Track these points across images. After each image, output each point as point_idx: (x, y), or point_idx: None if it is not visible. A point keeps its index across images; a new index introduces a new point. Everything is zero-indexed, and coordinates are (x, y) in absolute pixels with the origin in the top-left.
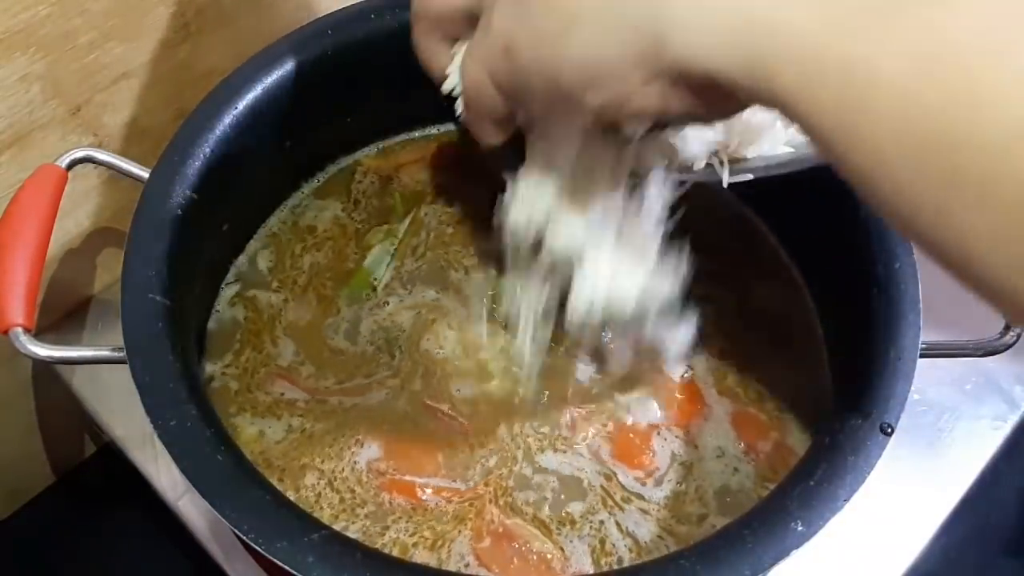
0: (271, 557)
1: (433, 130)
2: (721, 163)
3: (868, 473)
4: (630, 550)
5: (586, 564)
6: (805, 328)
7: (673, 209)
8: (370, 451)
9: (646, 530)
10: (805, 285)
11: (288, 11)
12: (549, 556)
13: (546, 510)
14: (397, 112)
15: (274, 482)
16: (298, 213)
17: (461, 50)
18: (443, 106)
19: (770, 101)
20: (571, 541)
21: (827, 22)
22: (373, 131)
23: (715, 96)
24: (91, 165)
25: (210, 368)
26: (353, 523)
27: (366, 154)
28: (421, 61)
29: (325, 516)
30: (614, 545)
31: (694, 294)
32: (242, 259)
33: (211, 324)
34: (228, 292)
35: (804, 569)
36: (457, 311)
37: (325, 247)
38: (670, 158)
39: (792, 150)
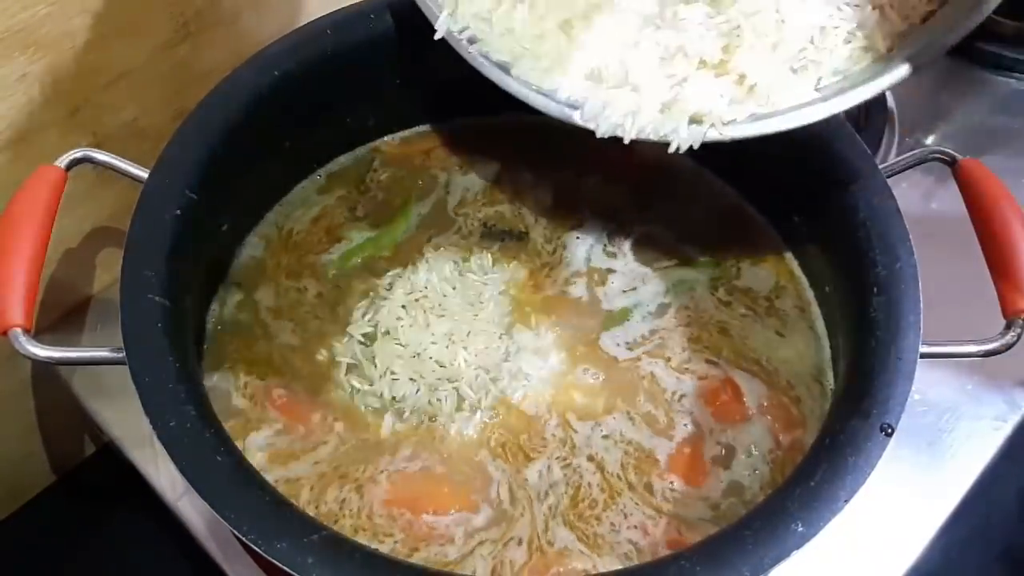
0: (271, 558)
1: (429, 127)
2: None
3: (868, 474)
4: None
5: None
6: (806, 328)
7: None
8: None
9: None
10: (806, 283)
11: (287, 11)
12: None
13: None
14: (397, 111)
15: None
16: (296, 210)
17: None
18: (440, 103)
19: None
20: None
21: None
22: (373, 130)
23: None
24: (90, 165)
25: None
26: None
27: (364, 153)
28: None
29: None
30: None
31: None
32: (240, 258)
33: (209, 326)
34: (228, 292)
35: (804, 569)
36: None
37: (315, 245)
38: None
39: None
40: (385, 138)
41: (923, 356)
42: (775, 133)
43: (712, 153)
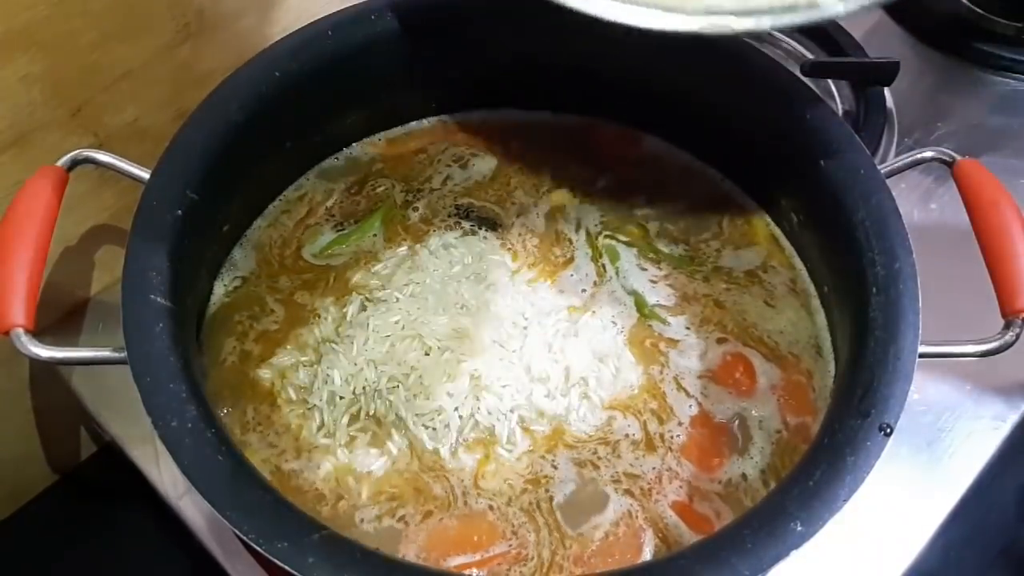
0: (271, 557)
1: (424, 123)
2: None
3: (867, 473)
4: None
5: None
6: (806, 326)
7: None
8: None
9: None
10: (807, 278)
11: (288, 12)
12: None
13: None
14: (397, 109)
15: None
16: (294, 209)
17: None
18: (439, 102)
19: None
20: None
21: None
22: (373, 128)
23: None
24: (91, 166)
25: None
26: None
27: (364, 151)
28: None
29: None
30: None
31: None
32: (240, 257)
33: (207, 322)
34: (228, 290)
35: (804, 569)
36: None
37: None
38: None
39: None
40: (385, 136)
41: (922, 356)
42: None
43: (713, 149)
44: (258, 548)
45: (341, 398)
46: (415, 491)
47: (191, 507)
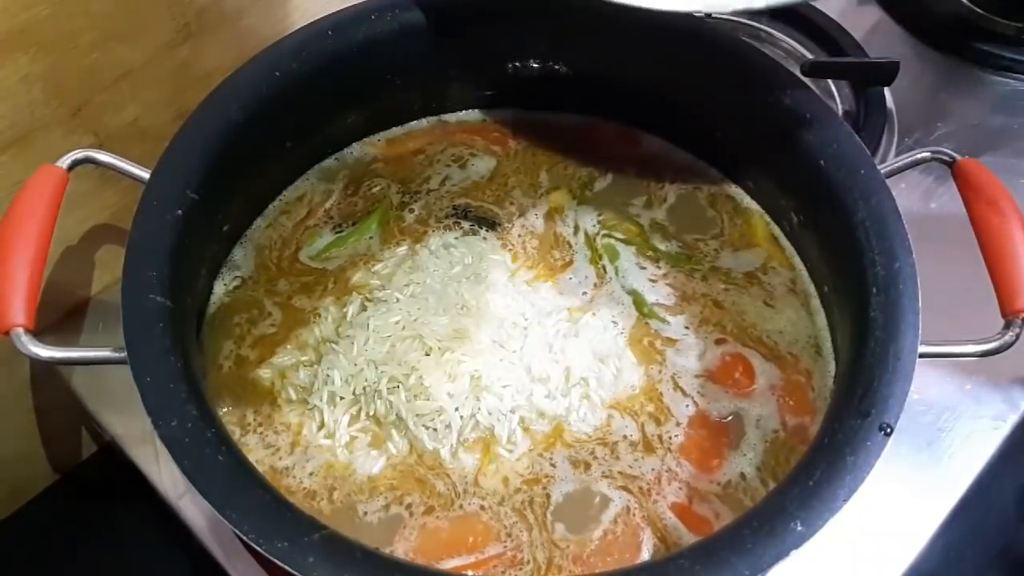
0: (271, 557)
1: (424, 123)
2: None
3: (867, 473)
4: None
5: None
6: (805, 326)
7: None
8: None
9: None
10: (807, 277)
11: (288, 12)
12: None
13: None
14: (398, 109)
15: None
16: (294, 209)
17: None
18: (438, 101)
19: None
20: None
21: None
22: (373, 128)
23: None
24: (92, 165)
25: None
26: None
27: (363, 151)
28: None
29: None
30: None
31: (698, 293)
32: (239, 256)
33: (208, 320)
34: (227, 289)
35: (804, 569)
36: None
37: (311, 241)
38: None
39: None
40: (384, 136)
41: (922, 356)
42: None
43: (712, 149)
44: (258, 548)
45: (341, 398)
46: (417, 482)
47: (191, 507)
